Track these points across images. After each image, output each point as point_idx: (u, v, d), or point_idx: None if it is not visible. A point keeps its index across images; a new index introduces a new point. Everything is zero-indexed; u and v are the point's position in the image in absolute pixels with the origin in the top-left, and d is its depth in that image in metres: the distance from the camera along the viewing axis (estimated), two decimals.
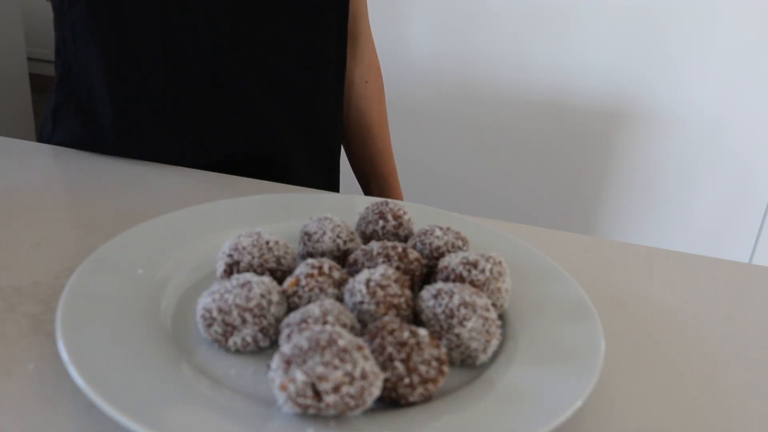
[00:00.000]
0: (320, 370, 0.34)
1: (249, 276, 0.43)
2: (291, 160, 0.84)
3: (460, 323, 0.41)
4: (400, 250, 0.48)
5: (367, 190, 0.99)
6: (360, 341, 0.36)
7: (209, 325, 0.42)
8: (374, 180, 0.97)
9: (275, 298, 0.43)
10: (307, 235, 0.51)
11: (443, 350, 0.39)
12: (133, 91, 0.75)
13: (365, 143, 0.95)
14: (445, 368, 0.38)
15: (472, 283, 0.46)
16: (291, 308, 0.44)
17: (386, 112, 0.97)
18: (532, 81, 1.58)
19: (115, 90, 0.75)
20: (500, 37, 1.57)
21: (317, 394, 0.34)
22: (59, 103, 0.80)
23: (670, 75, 1.50)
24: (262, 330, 0.42)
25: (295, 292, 0.44)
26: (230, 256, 0.48)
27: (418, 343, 0.38)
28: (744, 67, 1.47)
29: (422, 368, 0.37)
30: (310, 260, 0.46)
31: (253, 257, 0.47)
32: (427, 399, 0.38)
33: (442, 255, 0.50)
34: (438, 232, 0.51)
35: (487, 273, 0.46)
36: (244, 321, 0.41)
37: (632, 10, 1.47)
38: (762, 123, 1.50)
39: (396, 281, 0.44)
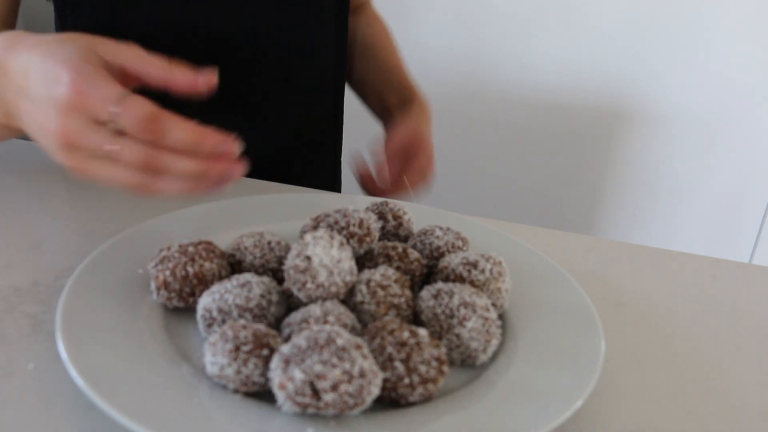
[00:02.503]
0: (318, 368, 0.34)
1: (249, 276, 0.43)
2: (293, 161, 0.84)
3: (460, 323, 0.41)
4: (400, 250, 0.48)
5: (384, 105, 0.89)
6: (359, 340, 0.36)
7: (209, 325, 0.42)
8: (392, 92, 0.89)
9: (275, 297, 0.43)
10: None
11: (443, 350, 0.39)
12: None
13: (377, 62, 0.91)
14: (445, 368, 0.38)
15: (472, 284, 0.46)
16: (291, 308, 0.44)
17: (396, 44, 0.94)
18: (532, 81, 1.58)
19: None
20: (500, 37, 1.57)
21: (316, 393, 0.34)
22: None
23: (671, 75, 1.51)
24: None
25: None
26: (232, 255, 0.48)
27: (418, 343, 0.38)
28: (744, 67, 1.47)
29: (422, 368, 0.37)
30: None
31: (255, 257, 0.47)
32: (427, 399, 0.38)
33: (442, 255, 0.50)
34: (438, 232, 0.51)
35: (487, 273, 0.46)
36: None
37: (633, 10, 1.47)
38: (762, 123, 1.50)
39: (396, 281, 0.44)
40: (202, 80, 0.46)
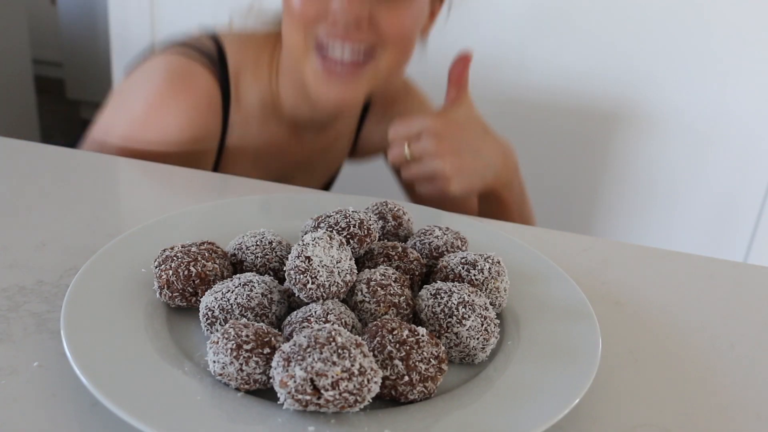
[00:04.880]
0: (319, 366, 0.34)
1: (250, 275, 0.44)
2: None
3: (459, 322, 0.42)
4: (400, 250, 0.49)
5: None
6: (359, 339, 0.36)
7: (211, 324, 0.42)
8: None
9: (276, 297, 0.43)
10: None
11: (442, 349, 0.39)
12: None
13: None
14: (444, 366, 0.39)
15: (471, 283, 0.46)
16: (292, 307, 0.45)
17: None
18: (530, 83, 1.59)
19: None
20: (498, 38, 1.57)
21: (316, 390, 0.34)
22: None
23: (666, 77, 1.51)
24: None
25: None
26: (234, 255, 0.48)
27: (417, 342, 0.38)
28: (742, 67, 1.47)
29: (422, 366, 0.38)
30: None
31: (256, 257, 0.47)
32: (426, 397, 0.39)
33: (441, 255, 0.51)
34: (438, 232, 0.52)
35: (486, 272, 0.46)
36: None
37: (630, 14, 1.47)
38: (756, 124, 1.50)
39: (396, 281, 0.44)
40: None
